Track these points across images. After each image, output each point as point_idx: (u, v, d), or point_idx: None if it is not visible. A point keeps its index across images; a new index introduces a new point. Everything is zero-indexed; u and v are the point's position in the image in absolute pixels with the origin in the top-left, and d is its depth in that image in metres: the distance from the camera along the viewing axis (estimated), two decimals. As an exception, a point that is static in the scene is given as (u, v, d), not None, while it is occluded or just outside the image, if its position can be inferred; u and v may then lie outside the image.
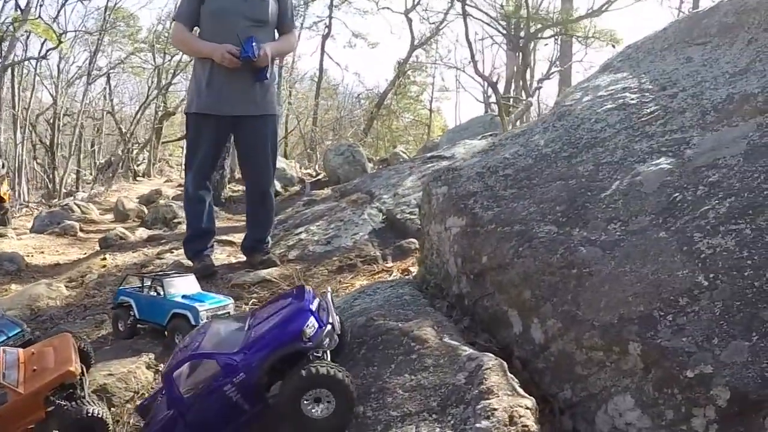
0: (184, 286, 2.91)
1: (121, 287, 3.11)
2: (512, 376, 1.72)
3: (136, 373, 2.54)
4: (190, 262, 4.12)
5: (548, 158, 2.52)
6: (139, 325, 2.94)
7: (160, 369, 2.59)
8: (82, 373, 2.09)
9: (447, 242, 2.48)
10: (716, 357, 1.53)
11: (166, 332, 2.78)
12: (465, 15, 11.52)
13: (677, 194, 1.99)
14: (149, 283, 2.95)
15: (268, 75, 3.85)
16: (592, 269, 1.92)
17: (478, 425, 1.54)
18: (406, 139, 23.03)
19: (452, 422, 1.61)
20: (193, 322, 2.66)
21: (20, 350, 2.16)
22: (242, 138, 4.03)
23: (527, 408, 1.59)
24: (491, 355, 1.77)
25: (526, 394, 1.66)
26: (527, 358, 2.00)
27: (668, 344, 1.61)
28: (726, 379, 1.49)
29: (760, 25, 2.74)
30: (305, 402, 1.70)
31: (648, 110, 2.52)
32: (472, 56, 11.82)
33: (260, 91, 3.89)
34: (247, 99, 3.85)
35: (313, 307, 1.88)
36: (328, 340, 1.84)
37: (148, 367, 2.62)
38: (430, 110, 26.27)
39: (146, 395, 2.37)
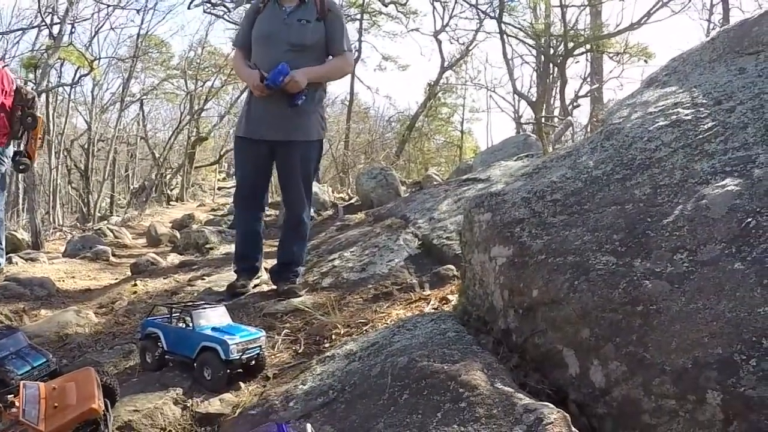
0: (214, 318, 2.79)
1: (149, 317, 3.00)
2: (576, 431, 1.53)
3: (163, 409, 2.42)
4: (220, 290, 4.07)
5: (599, 181, 2.33)
6: (167, 357, 2.82)
7: (188, 405, 2.46)
8: (106, 409, 1.98)
9: (492, 273, 2.31)
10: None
11: (195, 365, 2.66)
12: (502, 33, 11.29)
13: (750, 219, 1.79)
14: (178, 314, 2.83)
15: (298, 101, 3.75)
16: (660, 306, 1.73)
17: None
18: (438, 161, 22.88)
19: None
20: (223, 356, 2.53)
21: (41, 385, 2.05)
22: (277, 164, 4.03)
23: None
24: (552, 406, 1.59)
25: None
26: (585, 402, 1.82)
27: (754, 393, 1.43)
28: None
29: (821, 32, 2.51)
30: None
31: (705, 126, 2.33)
32: (511, 75, 11.52)
33: (292, 117, 3.82)
34: (280, 125, 3.82)
35: None
36: None
37: (176, 403, 2.49)
38: (462, 131, 26.05)
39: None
